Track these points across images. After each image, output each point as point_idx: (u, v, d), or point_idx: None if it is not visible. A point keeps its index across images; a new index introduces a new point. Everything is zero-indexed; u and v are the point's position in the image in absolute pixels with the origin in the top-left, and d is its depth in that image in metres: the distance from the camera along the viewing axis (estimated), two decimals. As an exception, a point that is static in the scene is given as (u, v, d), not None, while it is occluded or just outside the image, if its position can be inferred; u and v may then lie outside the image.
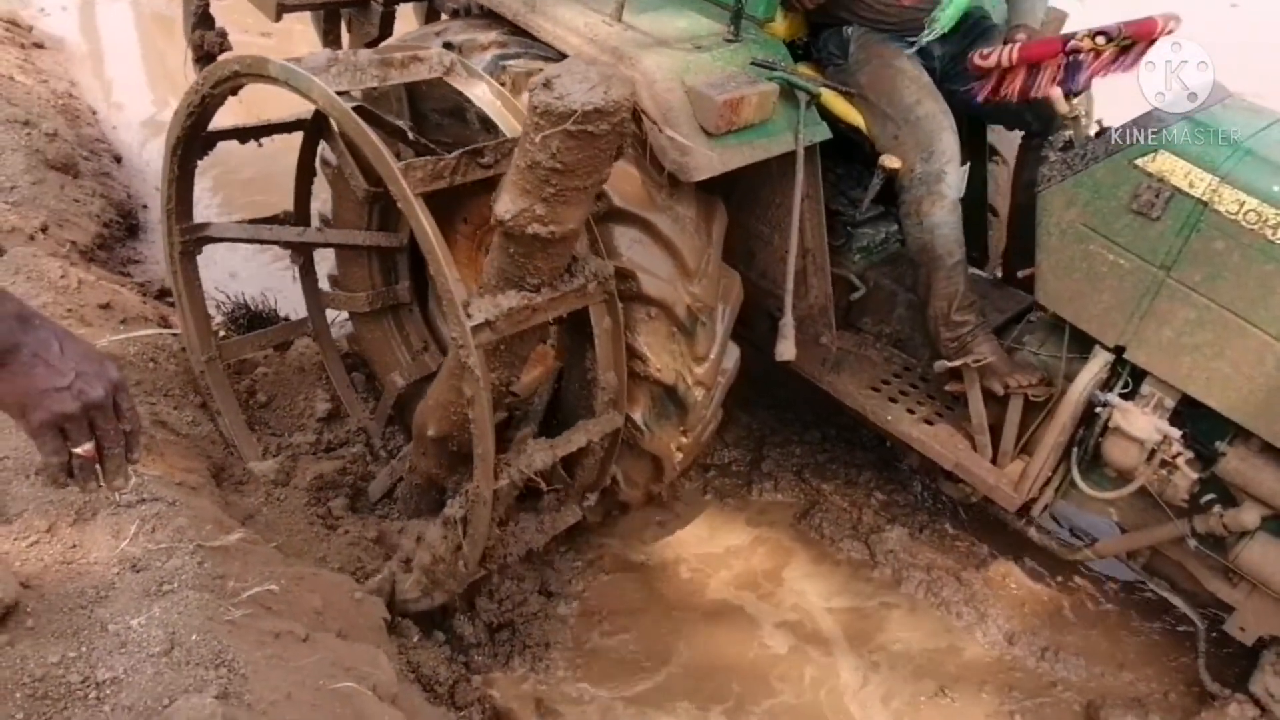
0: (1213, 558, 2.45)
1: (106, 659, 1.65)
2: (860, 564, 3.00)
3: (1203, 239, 2.21)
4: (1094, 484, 2.56)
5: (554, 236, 2.02)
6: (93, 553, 1.91)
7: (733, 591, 2.90)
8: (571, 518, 2.60)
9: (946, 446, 2.73)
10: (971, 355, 2.61)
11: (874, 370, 2.97)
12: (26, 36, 5.50)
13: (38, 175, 3.73)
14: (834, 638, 2.80)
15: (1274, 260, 2.12)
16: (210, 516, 2.19)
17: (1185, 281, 2.26)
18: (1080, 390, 2.44)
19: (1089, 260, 2.38)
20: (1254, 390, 2.21)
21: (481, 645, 2.61)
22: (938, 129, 2.61)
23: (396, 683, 2.01)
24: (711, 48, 2.52)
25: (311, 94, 2.18)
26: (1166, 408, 2.38)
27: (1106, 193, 2.32)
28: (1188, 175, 2.21)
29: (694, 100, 2.36)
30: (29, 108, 4.27)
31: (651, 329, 2.46)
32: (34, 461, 2.08)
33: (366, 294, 3.12)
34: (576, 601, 2.79)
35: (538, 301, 2.16)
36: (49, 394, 1.20)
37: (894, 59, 2.71)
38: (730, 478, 3.26)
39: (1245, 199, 2.14)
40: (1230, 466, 2.32)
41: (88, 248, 3.57)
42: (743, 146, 2.44)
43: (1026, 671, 2.75)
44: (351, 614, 2.21)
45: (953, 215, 2.60)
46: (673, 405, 2.55)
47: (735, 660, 2.70)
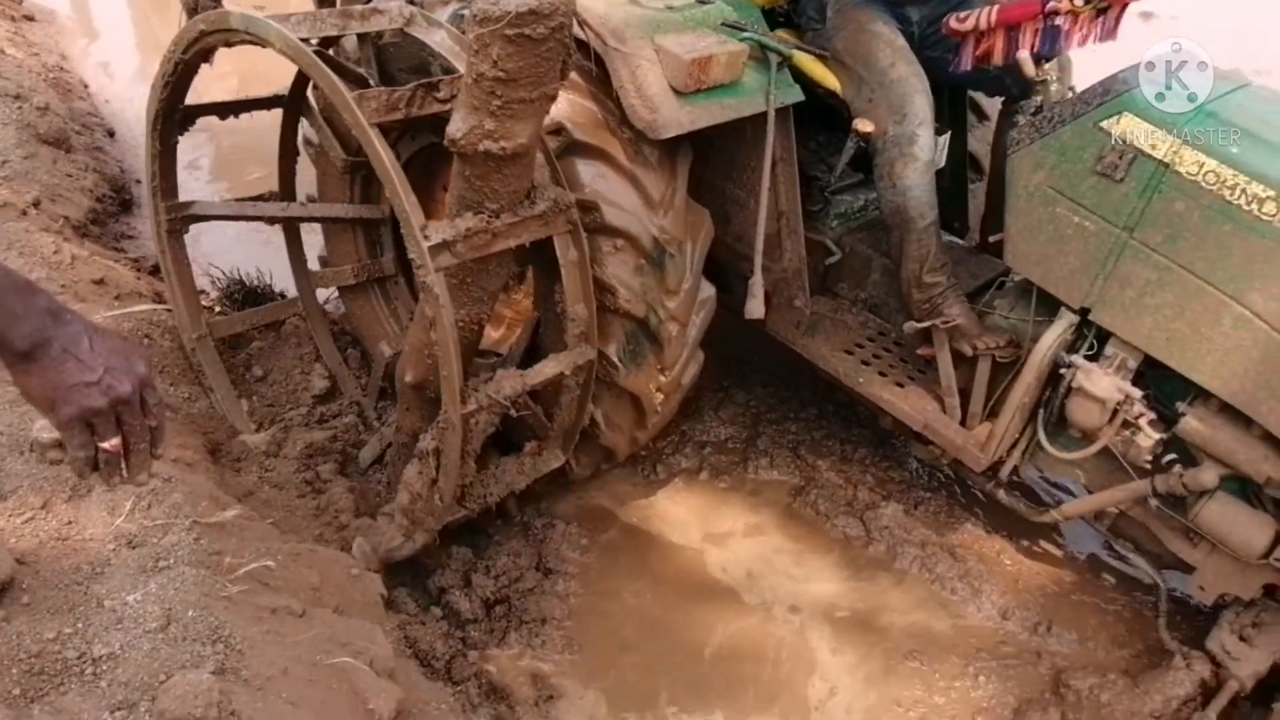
0: (1174, 518, 2.47)
1: (103, 635, 1.65)
2: (855, 540, 3.01)
3: (1164, 200, 2.23)
4: (1060, 445, 2.59)
5: (505, 153, 2.04)
6: (88, 529, 1.91)
7: (728, 568, 2.91)
8: (554, 461, 2.61)
9: (916, 408, 2.76)
10: (941, 317, 2.64)
11: (849, 334, 3.00)
12: (17, 9, 5.46)
13: (29, 150, 3.71)
14: (829, 614, 2.80)
15: (1231, 221, 2.14)
16: (206, 493, 2.19)
17: (1147, 242, 2.28)
18: (1044, 351, 2.47)
19: (1055, 223, 2.41)
20: (1211, 350, 2.23)
21: (478, 621, 2.63)
22: (911, 91, 2.63)
23: (393, 658, 2.02)
24: (684, 9, 2.55)
25: (269, 38, 2.24)
26: (1129, 368, 2.40)
27: (1072, 155, 2.34)
28: (1150, 137, 2.23)
29: (663, 58, 2.39)
30: (20, 81, 4.25)
31: (619, 261, 2.47)
32: (27, 438, 2.07)
33: (352, 267, 3.16)
34: (574, 579, 2.81)
35: (497, 226, 2.18)
36: (78, 389, 1.20)
37: (869, 23, 2.73)
38: (726, 455, 3.25)
39: (1205, 160, 2.16)
40: (1190, 427, 2.34)
41: (80, 223, 3.56)
42: (712, 106, 2.46)
43: (1018, 645, 2.75)
44: (348, 590, 2.21)
45: (925, 177, 2.63)
46: (647, 340, 2.57)
47: (730, 637, 2.70)
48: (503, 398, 2.29)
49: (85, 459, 1.25)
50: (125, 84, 5.13)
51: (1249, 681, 2.42)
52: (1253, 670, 2.42)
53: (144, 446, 1.29)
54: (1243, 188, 2.12)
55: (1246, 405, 2.22)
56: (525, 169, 2.17)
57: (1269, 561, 2.32)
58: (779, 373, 3.42)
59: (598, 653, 2.63)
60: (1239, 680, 2.42)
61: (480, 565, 2.73)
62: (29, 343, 1.17)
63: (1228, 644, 2.46)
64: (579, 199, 2.38)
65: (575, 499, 3.04)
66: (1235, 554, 2.36)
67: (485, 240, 2.18)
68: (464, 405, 2.23)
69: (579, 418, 2.60)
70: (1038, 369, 2.48)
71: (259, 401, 3.10)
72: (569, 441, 2.63)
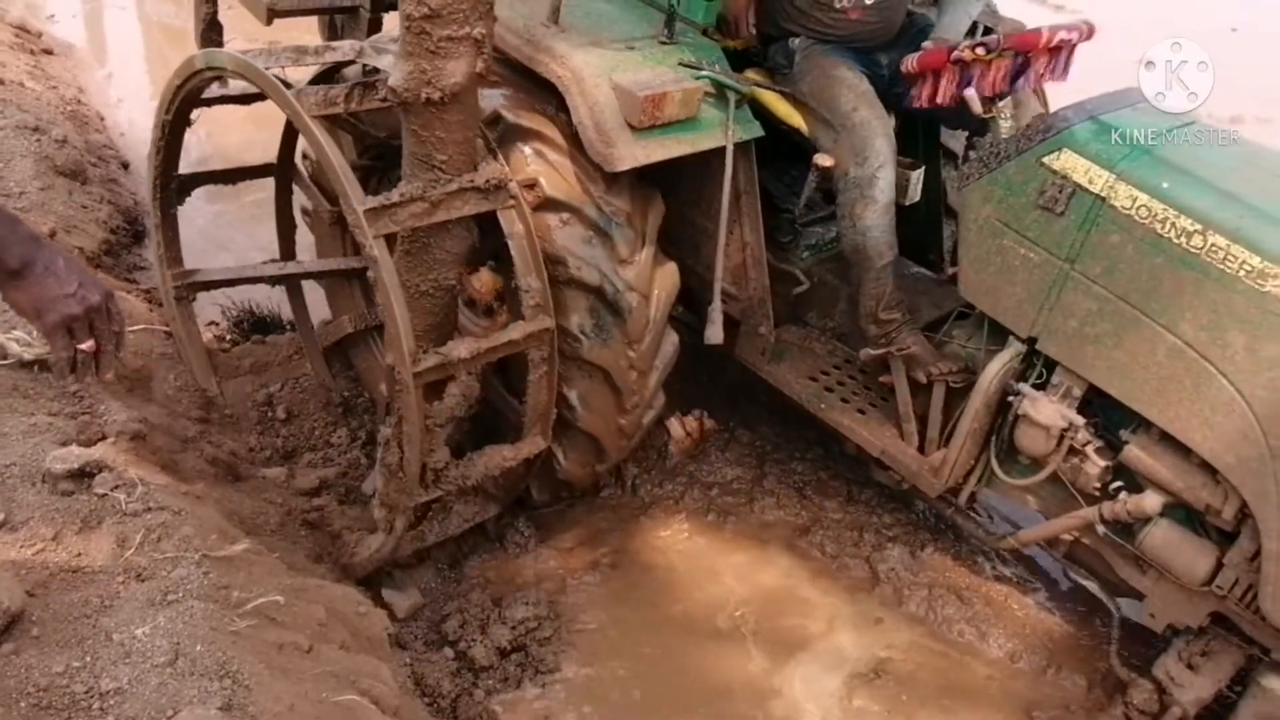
0: (1123, 545, 2.54)
1: (111, 669, 1.65)
2: (862, 582, 3.02)
3: (1101, 233, 2.34)
4: (1012, 472, 2.68)
5: (444, 95, 2.17)
6: (98, 561, 1.92)
7: (736, 611, 2.93)
8: (534, 447, 2.64)
9: (875, 434, 2.87)
10: (896, 345, 2.75)
11: (815, 361, 3.12)
12: (36, 43, 5.55)
13: (46, 181, 3.76)
14: (838, 657, 2.82)
15: (1162, 253, 2.25)
16: (215, 526, 2.19)
17: (1087, 274, 2.38)
18: (990, 378, 2.56)
19: (1003, 254, 2.51)
20: (1148, 379, 2.32)
21: (493, 668, 2.64)
22: (872, 135, 2.75)
23: (399, 695, 2.01)
24: (644, 49, 2.68)
25: (222, 63, 2.47)
26: (1075, 397, 2.49)
27: (1017, 189, 2.46)
28: (1087, 172, 2.34)
29: (619, 96, 2.51)
30: (38, 114, 4.29)
31: (566, 235, 2.58)
32: (40, 469, 2.08)
33: (350, 316, 3.33)
34: (588, 626, 2.83)
35: (434, 195, 2.30)
36: (59, 299, 1.45)
37: (833, 69, 2.86)
38: (732, 495, 3.28)
39: (1138, 195, 2.27)
40: (1133, 454, 2.43)
41: (94, 254, 3.60)
42: (668, 141, 2.58)
43: (1028, 687, 2.74)
44: (355, 626, 2.21)
45: (884, 218, 2.74)
46: (609, 313, 2.63)
47: (738, 680, 2.73)
48: (456, 358, 2.37)
49: (66, 359, 1.50)
50: (140, 116, 5.20)
51: (1192, 708, 2.49)
52: (1196, 697, 2.49)
53: (111, 348, 1.54)
54: (1172, 221, 2.23)
55: (1182, 433, 2.30)
56: (467, 118, 2.29)
57: (1211, 589, 2.38)
58: (784, 413, 3.43)
59: (610, 698, 2.66)
60: (1182, 707, 2.49)
61: (497, 614, 2.75)
62: (19, 262, 1.42)
63: (1173, 671, 2.53)
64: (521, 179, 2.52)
65: (585, 539, 3.09)
66: (1179, 581, 2.44)
67: (425, 209, 2.31)
68: (415, 365, 2.30)
69: (550, 397, 2.62)
70: (985, 396, 2.57)
71: (281, 449, 3.14)
72: (545, 424, 2.66)
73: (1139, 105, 2.51)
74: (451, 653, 2.64)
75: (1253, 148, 2.50)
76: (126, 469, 2.20)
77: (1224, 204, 2.21)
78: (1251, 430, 2.17)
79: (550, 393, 2.60)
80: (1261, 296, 2.12)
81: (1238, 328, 2.16)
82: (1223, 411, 2.21)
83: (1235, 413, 2.19)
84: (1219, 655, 2.52)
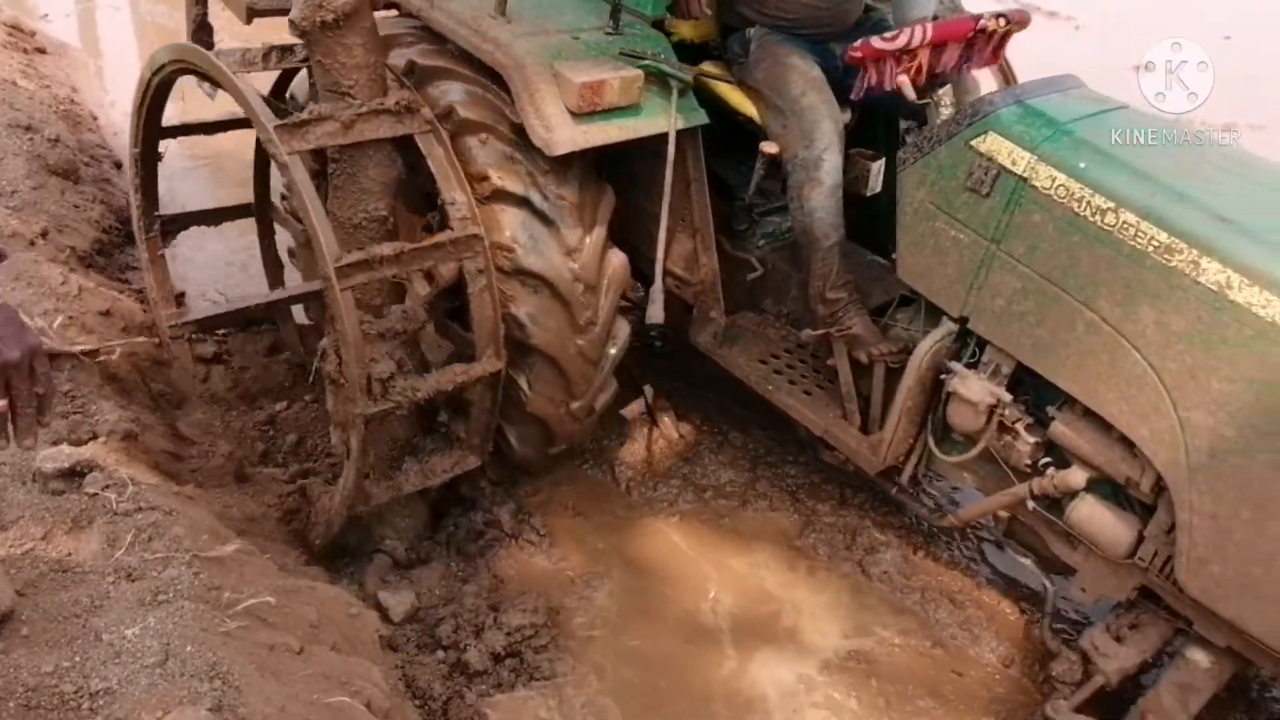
0: (1053, 520, 2.61)
1: (100, 669, 1.66)
2: (855, 585, 3.03)
3: (1024, 213, 2.42)
4: (947, 450, 2.77)
5: (339, 16, 2.34)
6: (88, 561, 1.92)
7: (730, 615, 2.96)
8: (490, 366, 2.69)
9: (819, 414, 2.97)
10: (839, 326, 2.84)
11: (767, 346, 3.22)
12: (29, 42, 5.57)
13: (38, 180, 3.79)
14: (829, 659, 2.85)
15: (1079, 231, 2.33)
16: (207, 526, 2.19)
17: (1011, 253, 2.46)
18: (921, 357, 2.64)
19: (935, 236, 2.60)
20: (1069, 355, 2.40)
21: (487, 673, 2.65)
22: (819, 119, 2.84)
23: (390, 697, 2.01)
24: (588, 39, 2.80)
25: (177, 54, 2.77)
26: (1004, 374, 2.57)
27: (947, 172, 2.55)
28: (1011, 154, 2.42)
29: (559, 82, 2.63)
30: (31, 113, 4.32)
31: (514, 224, 2.68)
32: (30, 468, 2.07)
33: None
34: (582, 629, 2.84)
35: (346, 116, 2.45)
36: None
37: (786, 57, 2.95)
38: (725, 499, 3.31)
39: (1056, 175, 2.35)
40: (1058, 430, 2.50)
41: (87, 253, 3.63)
42: (609, 126, 2.68)
43: (1020, 692, 2.74)
44: (346, 627, 2.22)
45: (829, 200, 2.84)
46: (556, 300, 2.73)
47: (732, 685, 2.75)
48: (379, 255, 2.43)
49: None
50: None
51: (1114, 677, 2.54)
52: (1119, 667, 2.54)
53: (30, 411, 1.40)
54: (1088, 200, 2.31)
55: (1100, 407, 2.37)
56: (366, 41, 2.46)
57: (1135, 562, 2.46)
58: (777, 416, 3.43)
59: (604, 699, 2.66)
60: (1105, 676, 2.55)
61: (493, 619, 2.77)
62: None
63: (1098, 642, 2.59)
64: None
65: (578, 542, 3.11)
66: (1104, 554, 2.51)
67: (337, 129, 2.46)
68: (338, 260, 2.39)
69: (495, 313, 2.67)
70: (917, 374, 2.66)
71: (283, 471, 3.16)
72: (497, 343, 2.69)
73: (1070, 90, 2.61)
74: (444, 655, 2.65)
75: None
76: (117, 468, 2.21)
77: (1137, 183, 2.29)
78: (1162, 403, 2.24)
79: (495, 309, 2.67)
80: (1168, 272, 2.19)
81: (1148, 303, 2.24)
82: (1136, 385, 2.28)
83: (1148, 386, 2.26)
84: (1147, 628, 2.59)
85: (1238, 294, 2.09)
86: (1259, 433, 2.10)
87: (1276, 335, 2.04)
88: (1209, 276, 2.13)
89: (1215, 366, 2.14)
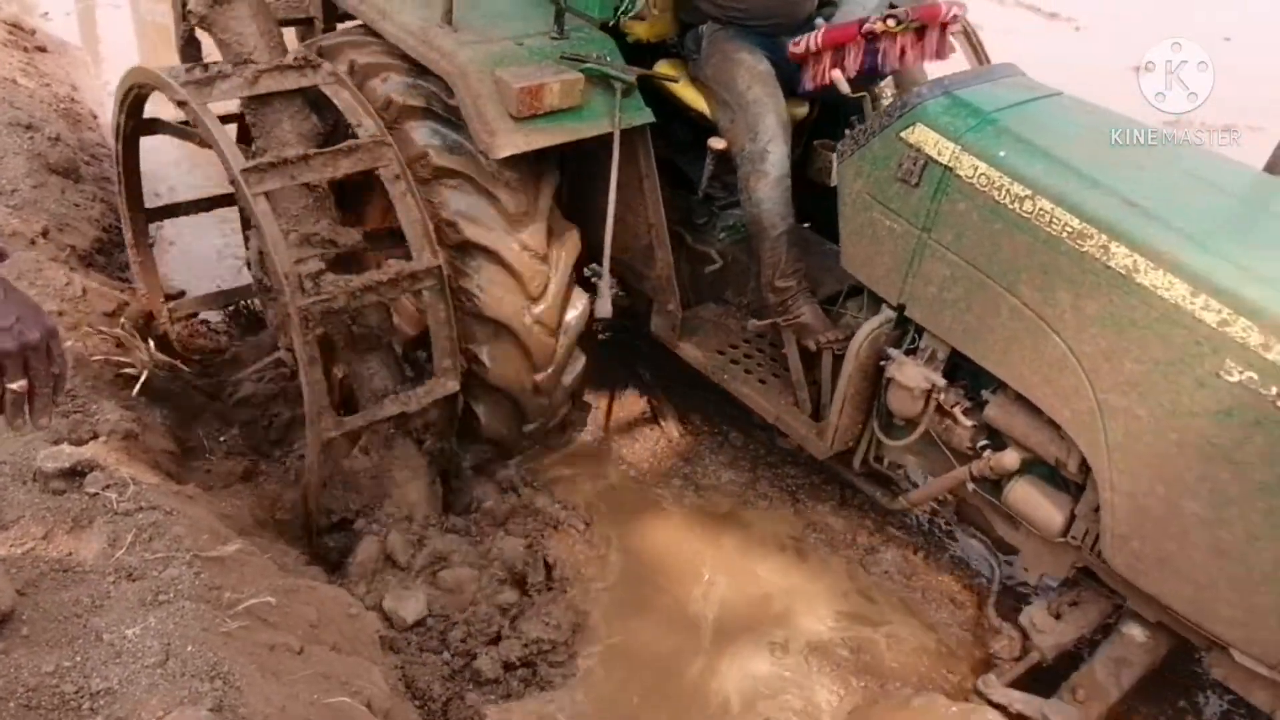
0: (994, 502, 2.67)
1: (101, 669, 1.66)
2: (855, 586, 3.03)
3: (950, 202, 2.48)
4: (892, 435, 2.84)
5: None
6: (89, 560, 1.93)
7: (730, 613, 2.97)
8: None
9: (771, 402, 3.06)
10: (788, 315, 2.93)
11: (726, 336, 3.31)
12: (29, 40, 5.58)
13: (39, 179, 3.80)
14: (831, 660, 2.85)
15: (1000, 219, 2.39)
16: (207, 526, 2.19)
17: (940, 241, 2.52)
18: (860, 344, 2.72)
19: (872, 226, 2.67)
20: (996, 339, 2.46)
21: (499, 682, 2.62)
22: (763, 112, 2.92)
23: (390, 697, 2.01)
24: (532, 44, 2.89)
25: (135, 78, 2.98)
26: (940, 360, 2.64)
27: (881, 163, 2.61)
28: (936, 145, 2.48)
29: (500, 88, 2.73)
30: (31, 111, 4.33)
31: (457, 198, 2.79)
32: (31, 467, 2.07)
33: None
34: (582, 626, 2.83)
35: (249, 73, 2.68)
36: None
37: (734, 53, 3.02)
38: (725, 498, 3.29)
39: (978, 164, 2.41)
40: (992, 413, 2.57)
41: (87, 252, 3.60)
42: (552, 129, 2.78)
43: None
44: (346, 627, 2.22)
45: (775, 190, 2.90)
46: (505, 273, 2.82)
47: (735, 687, 2.75)
48: (283, 159, 2.58)
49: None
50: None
51: (1050, 653, 2.61)
52: (1055, 643, 2.61)
53: (48, 391, 1.42)
54: (1007, 188, 2.36)
55: (1027, 390, 2.44)
56: (254, 11, 2.69)
57: (1068, 540, 2.52)
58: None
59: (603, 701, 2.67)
60: (1040, 652, 2.61)
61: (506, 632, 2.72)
62: None
63: (1036, 618, 2.65)
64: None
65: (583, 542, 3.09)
66: (1040, 533, 2.58)
67: (243, 83, 2.71)
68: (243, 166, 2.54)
69: (422, 215, 2.75)
70: (857, 361, 2.73)
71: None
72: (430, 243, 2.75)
73: (1003, 79, 2.66)
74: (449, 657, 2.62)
75: (1107, 116, 2.60)
76: (118, 468, 2.21)
77: (1053, 170, 2.35)
78: (1082, 385, 2.29)
79: (419, 209, 2.76)
80: (1081, 256, 2.25)
81: (1064, 287, 2.30)
82: (1057, 368, 2.34)
83: (1067, 368, 2.32)
84: (1087, 605, 2.66)
85: (1144, 277, 2.15)
86: (1167, 412, 2.17)
87: (1179, 317, 2.10)
88: (1117, 261, 2.19)
89: (1127, 348, 2.20)
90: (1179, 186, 2.38)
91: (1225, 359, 2.04)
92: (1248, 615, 2.16)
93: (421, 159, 2.78)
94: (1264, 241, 2.25)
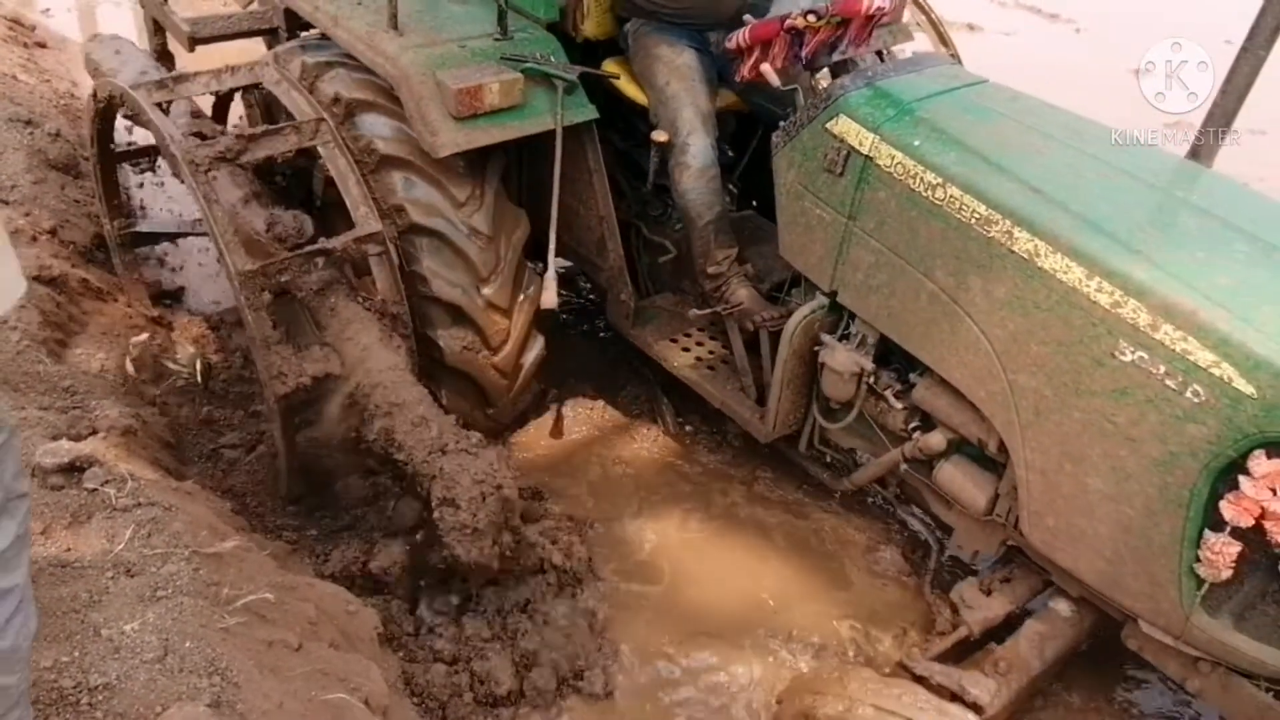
0: (927, 482, 2.77)
1: (99, 664, 1.67)
2: (858, 585, 3.04)
3: (871, 191, 2.58)
4: (832, 419, 2.93)
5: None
6: (87, 556, 1.93)
7: (731, 613, 2.97)
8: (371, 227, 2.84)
9: (717, 388, 3.17)
10: (726, 303, 3.05)
11: (679, 324, 3.41)
12: (30, 36, 5.61)
13: (39, 175, 3.83)
14: (830, 659, 2.84)
15: (916, 206, 2.48)
16: (206, 522, 2.20)
17: (864, 229, 2.62)
18: (793, 329, 2.81)
19: (805, 215, 2.77)
20: (917, 324, 2.56)
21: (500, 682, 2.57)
22: (680, 106, 3.03)
23: (388, 695, 2.02)
24: (475, 46, 3.00)
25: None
26: (870, 344, 2.73)
27: (810, 154, 2.71)
28: (858, 135, 2.57)
29: (441, 90, 2.84)
30: (31, 107, 4.36)
31: (404, 185, 2.90)
32: (29, 462, 2.07)
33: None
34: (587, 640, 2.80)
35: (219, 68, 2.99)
36: None
37: (654, 48, 3.13)
38: (726, 496, 3.29)
39: (895, 153, 2.50)
40: (919, 395, 2.67)
41: (87, 248, 3.60)
42: (492, 128, 2.89)
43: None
44: (345, 624, 2.22)
45: (698, 181, 3.02)
46: (454, 254, 2.92)
47: (736, 683, 2.75)
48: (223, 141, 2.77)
49: None
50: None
51: (978, 628, 2.69)
52: (983, 618, 2.69)
53: None
54: (921, 176, 2.46)
55: (947, 373, 2.53)
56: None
57: (993, 518, 2.61)
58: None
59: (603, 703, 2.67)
60: (968, 626, 2.69)
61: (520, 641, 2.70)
62: None
63: (966, 594, 2.74)
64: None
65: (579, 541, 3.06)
66: (968, 512, 2.67)
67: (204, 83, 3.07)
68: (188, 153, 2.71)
69: (359, 180, 2.89)
70: (791, 346, 2.83)
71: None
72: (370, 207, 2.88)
73: (928, 69, 2.76)
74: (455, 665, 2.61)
75: (1028, 103, 2.69)
76: (117, 464, 2.22)
77: (963, 158, 2.44)
78: (993, 366, 2.39)
79: (354, 172, 2.89)
80: (988, 242, 2.34)
81: (975, 272, 2.39)
82: (971, 350, 2.44)
83: (980, 351, 2.41)
84: (1018, 582, 2.74)
85: (1044, 261, 2.24)
86: (1070, 392, 2.26)
87: (1077, 299, 2.19)
88: (1020, 245, 2.28)
89: (1032, 330, 2.30)
90: (1086, 173, 2.45)
91: (1119, 339, 2.14)
92: (1151, 588, 2.26)
93: (369, 149, 2.92)
94: (1161, 225, 2.34)
